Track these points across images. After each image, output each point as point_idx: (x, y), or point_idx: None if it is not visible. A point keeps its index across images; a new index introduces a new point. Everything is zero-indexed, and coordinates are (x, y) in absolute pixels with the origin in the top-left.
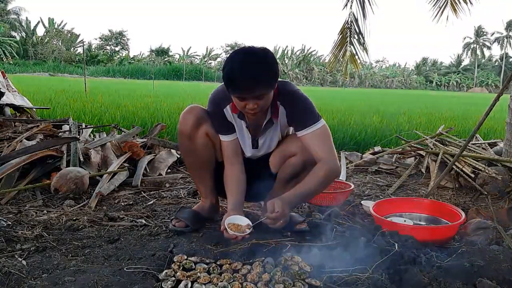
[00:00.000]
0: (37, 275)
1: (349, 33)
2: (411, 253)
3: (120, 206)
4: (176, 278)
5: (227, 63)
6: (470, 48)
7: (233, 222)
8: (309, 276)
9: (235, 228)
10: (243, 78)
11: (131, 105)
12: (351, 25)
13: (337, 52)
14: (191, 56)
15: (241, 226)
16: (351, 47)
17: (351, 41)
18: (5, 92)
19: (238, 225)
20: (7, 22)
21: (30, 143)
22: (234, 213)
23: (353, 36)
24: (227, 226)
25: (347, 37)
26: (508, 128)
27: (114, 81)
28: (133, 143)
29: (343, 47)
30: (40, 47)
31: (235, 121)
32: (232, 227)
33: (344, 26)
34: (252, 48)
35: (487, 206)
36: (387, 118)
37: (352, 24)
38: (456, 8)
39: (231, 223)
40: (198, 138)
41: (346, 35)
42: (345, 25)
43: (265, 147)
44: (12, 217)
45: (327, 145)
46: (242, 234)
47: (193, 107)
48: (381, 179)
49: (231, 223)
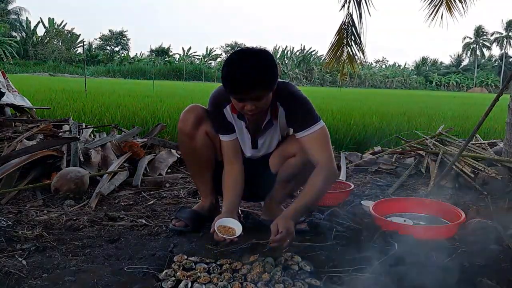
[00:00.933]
0: (37, 275)
1: (346, 34)
2: (411, 253)
3: (120, 206)
4: (176, 278)
5: (226, 64)
6: (470, 48)
7: (224, 224)
8: (309, 276)
9: (225, 231)
10: (241, 80)
11: (131, 105)
12: (348, 26)
13: (334, 52)
14: (191, 56)
15: (231, 229)
16: (348, 48)
17: (348, 42)
18: (5, 92)
19: (229, 227)
20: (8, 22)
21: (30, 143)
22: (226, 215)
23: (350, 37)
24: (216, 228)
25: (344, 37)
26: (508, 128)
27: (114, 81)
28: (133, 143)
29: (340, 48)
30: (40, 47)
31: (235, 121)
32: (222, 230)
33: (341, 26)
34: (251, 49)
35: (487, 206)
36: (387, 118)
37: (349, 25)
38: (451, 7)
39: (221, 226)
40: (198, 137)
41: (343, 36)
42: (342, 25)
43: (265, 148)
44: (12, 217)
45: (325, 148)
46: (231, 237)
47: (193, 107)
48: (381, 179)
49: (221, 225)
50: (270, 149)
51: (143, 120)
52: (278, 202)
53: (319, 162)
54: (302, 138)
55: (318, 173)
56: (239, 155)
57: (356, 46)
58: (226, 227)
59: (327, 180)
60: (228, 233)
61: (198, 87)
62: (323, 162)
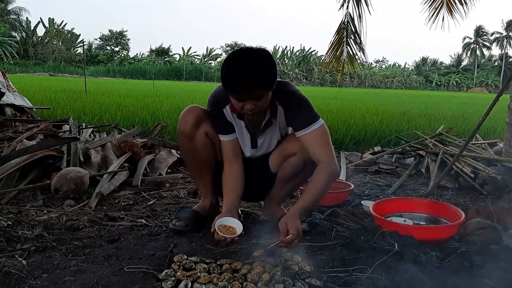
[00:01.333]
0: (37, 275)
1: (345, 33)
2: (411, 253)
3: (120, 206)
4: (176, 278)
5: (225, 64)
6: (470, 48)
7: (224, 223)
8: (309, 276)
9: (226, 230)
10: (241, 79)
11: (131, 105)
12: (347, 25)
13: (334, 52)
14: (191, 56)
15: (232, 228)
16: (347, 48)
17: (348, 41)
18: (5, 92)
19: (230, 227)
20: (8, 22)
21: (30, 143)
22: (226, 214)
23: (350, 37)
24: (217, 228)
25: (344, 37)
26: (508, 128)
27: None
28: (133, 143)
29: (339, 48)
30: (40, 47)
31: (235, 121)
32: (223, 229)
33: (340, 26)
34: (251, 48)
35: (487, 206)
36: (387, 118)
37: (349, 24)
38: (452, 10)
39: (222, 225)
40: (197, 138)
41: (342, 35)
42: (341, 25)
43: (265, 147)
44: (12, 217)
45: (326, 146)
46: (231, 236)
47: (192, 107)
48: (381, 179)
49: (221, 224)
50: (270, 148)
51: (143, 120)
52: (278, 201)
53: (320, 160)
54: (302, 137)
55: (320, 171)
56: (239, 155)
57: (356, 45)
58: (226, 226)
59: (330, 177)
60: (228, 233)
61: (198, 87)
62: (325, 159)
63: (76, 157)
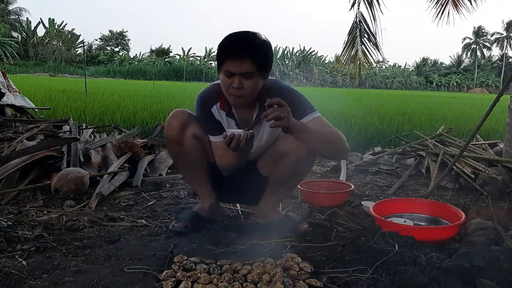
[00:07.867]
0: (37, 276)
1: (358, 33)
2: (411, 253)
3: (121, 207)
4: (176, 278)
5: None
6: (470, 48)
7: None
8: (309, 277)
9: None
10: (233, 46)
11: (132, 106)
12: (360, 25)
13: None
14: (191, 57)
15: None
16: (362, 46)
17: (362, 40)
18: (6, 92)
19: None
20: (8, 22)
21: (31, 143)
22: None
23: (363, 36)
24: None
25: (357, 36)
26: (508, 129)
27: (114, 82)
28: (133, 143)
29: (354, 47)
30: (40, 48)
31: (225, 119)
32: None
33: (352, 26)
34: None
35: (487, 206)
36: (387, 118)
37: (361, 24)
38: (457, 5)
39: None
40: (185, 142)
41: (355, 35)
42: (354, 25)
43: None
44: (12, 217)
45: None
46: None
47: (176, 112)
48: (381, 179)
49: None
50: (261, 143)
51: (143, 120)
52: (273, 205)
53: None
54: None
55: (334, 130)
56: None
57: (370, 43)
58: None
59: (341, 137)
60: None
61: (198, 87)
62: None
63: (76, 157)
